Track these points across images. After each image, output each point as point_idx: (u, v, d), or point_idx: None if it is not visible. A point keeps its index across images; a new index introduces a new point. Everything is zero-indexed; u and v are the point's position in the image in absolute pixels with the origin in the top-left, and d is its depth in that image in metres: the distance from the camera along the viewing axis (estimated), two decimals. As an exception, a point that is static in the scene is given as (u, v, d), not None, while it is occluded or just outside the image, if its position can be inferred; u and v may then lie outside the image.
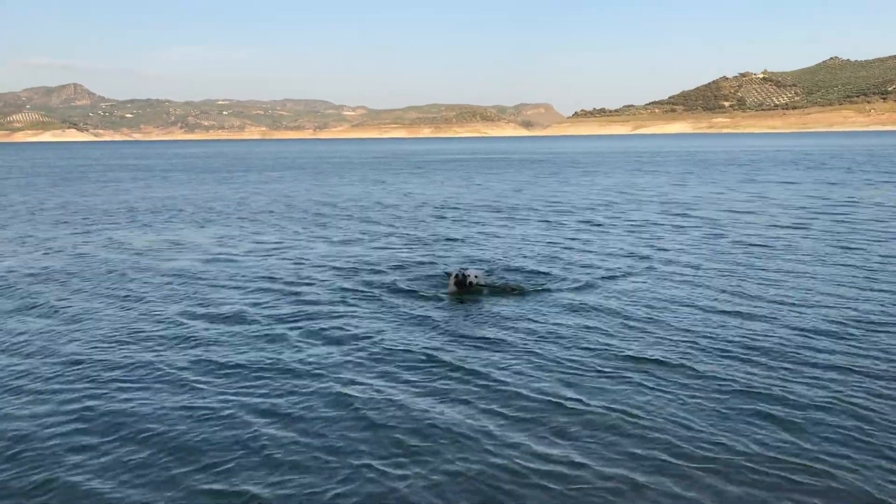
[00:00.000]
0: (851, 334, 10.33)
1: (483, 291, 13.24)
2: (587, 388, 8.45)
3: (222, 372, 9.37)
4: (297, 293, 14.08)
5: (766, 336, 10.22)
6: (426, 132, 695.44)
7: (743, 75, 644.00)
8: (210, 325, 11.70)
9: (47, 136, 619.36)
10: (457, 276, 13.13)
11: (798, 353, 9.48)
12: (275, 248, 20.12)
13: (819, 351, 9.60)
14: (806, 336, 10.28)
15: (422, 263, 16.98)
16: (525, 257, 17.62)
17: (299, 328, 11.50)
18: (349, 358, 9.89)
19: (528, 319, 11.57)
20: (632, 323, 11.10)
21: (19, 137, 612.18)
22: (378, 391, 8.59)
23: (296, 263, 17.46)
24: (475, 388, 8.61)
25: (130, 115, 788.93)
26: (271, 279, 15.49)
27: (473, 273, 13.26)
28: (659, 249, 18.29)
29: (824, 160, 66.70)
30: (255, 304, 13.15)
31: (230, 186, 46.48)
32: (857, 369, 8.85)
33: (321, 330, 11.36)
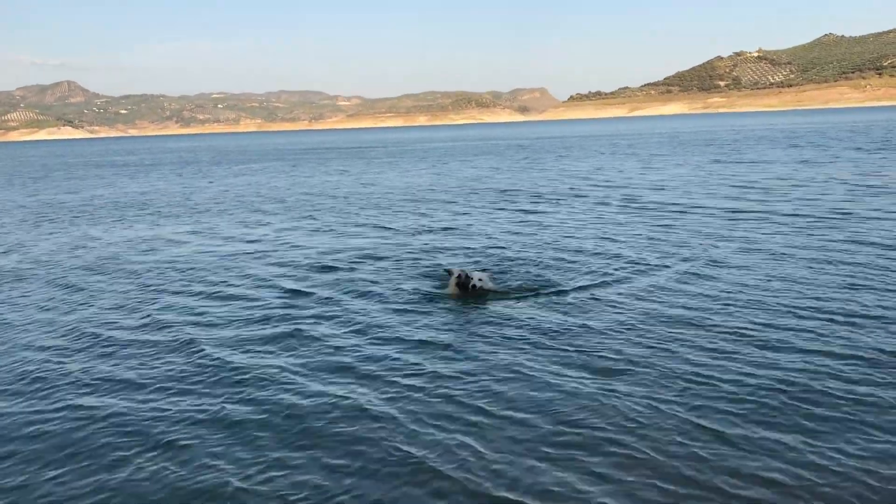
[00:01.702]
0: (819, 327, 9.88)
1: (486, 296, 12.10)
2: (584, 412, 7.54)
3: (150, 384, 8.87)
4: (270, 287, 13.75)
5: (734, 338, 9.51)
6: (422, 120, 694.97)
7: (738, 54, 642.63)
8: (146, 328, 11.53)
9: (42, 135, 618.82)
10: (459, 276, 12.05)
11: (756, 350, 8.98)
12: (246, 242, 19.95)
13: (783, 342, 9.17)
14: (760, 330, 9.89)
15: (407, 256, 16.54)
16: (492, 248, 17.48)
17: (274, 327, 11.02)
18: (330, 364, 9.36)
19: (522, 325, 10.59)
20: (625, 331, 10.13)
21: (14, 137, 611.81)
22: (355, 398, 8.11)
23: (271, 258, 17.03)
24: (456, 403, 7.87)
25: (125, 111, 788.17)
26: (241, 276, 15.08)
27: (478, 276, 12.13)
28: (611, 242, 17.95)
29: (809, 137, 66.61)
30: (215, 303, 12.81)
31: (207, 179, 46.49)
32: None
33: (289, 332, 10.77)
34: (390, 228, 21.26)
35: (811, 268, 13.27)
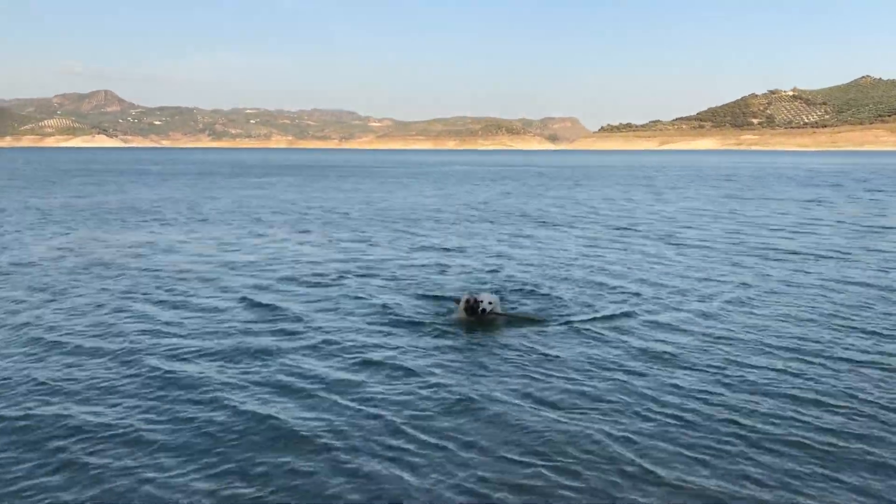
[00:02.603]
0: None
1: (496, 321, 11.46)
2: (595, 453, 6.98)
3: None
4: (258, 307, 12.93)
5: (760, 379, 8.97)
6: (451, 144, 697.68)
7: (772, 92, 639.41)
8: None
9: (77, 142, 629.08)
10: (468, 300, 11.39)
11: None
12: (240, 252, 19.88)
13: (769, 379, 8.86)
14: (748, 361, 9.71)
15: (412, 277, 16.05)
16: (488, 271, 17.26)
17: (253, 351, 10.15)
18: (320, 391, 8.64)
19: (545, 355, 9.96)
20: (630, 365, 9.60)
21: (49, 142, 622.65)
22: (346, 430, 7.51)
23: (256, 272, 16.57)
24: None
25: (159, 122, 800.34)
26: (224, 285, 14.80)
27: (487, 299, 11.41)
28: (614, 271, 17.69)
29: (827, 177, 65.96)
30: (183, 312, 12.56)
31: (220, 190, 46.85)
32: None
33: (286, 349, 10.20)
34: (391, 247, 21.03)
35: (799, 306, 12.96)
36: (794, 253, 19.32)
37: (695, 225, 26.83)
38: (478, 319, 11.25)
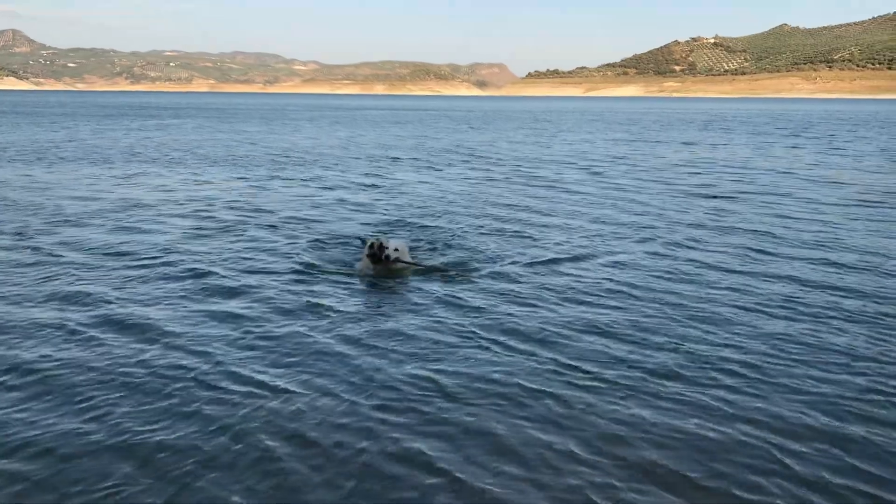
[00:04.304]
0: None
1: (404, 271, 10.12)
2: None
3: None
4: (131, 256, 11.31)
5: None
6: (379, 89, 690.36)
7: (694, 40, 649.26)
8: None
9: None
10: (372, 245, 9.93)
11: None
12: (114, 189, 19.47)
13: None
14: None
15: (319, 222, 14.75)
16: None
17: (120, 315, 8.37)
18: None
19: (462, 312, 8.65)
20: (544, 315, 8.65)
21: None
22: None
23: (141, 212, 15.57)
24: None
25: (73, 65, 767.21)
26: (65, 230, 13.65)
27: (393, 245, 10.01)
28: (505, 214, 17.92)
29: (726, 123, 68.07)
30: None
31: (119, 132, 45.56)
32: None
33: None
34: (281, 187, 20.43)
35: (652, 243, 12.74)
36: (662, 192, 19.77)
37: (578, 167, 27.42)
38: (381, 266, 9.95)
